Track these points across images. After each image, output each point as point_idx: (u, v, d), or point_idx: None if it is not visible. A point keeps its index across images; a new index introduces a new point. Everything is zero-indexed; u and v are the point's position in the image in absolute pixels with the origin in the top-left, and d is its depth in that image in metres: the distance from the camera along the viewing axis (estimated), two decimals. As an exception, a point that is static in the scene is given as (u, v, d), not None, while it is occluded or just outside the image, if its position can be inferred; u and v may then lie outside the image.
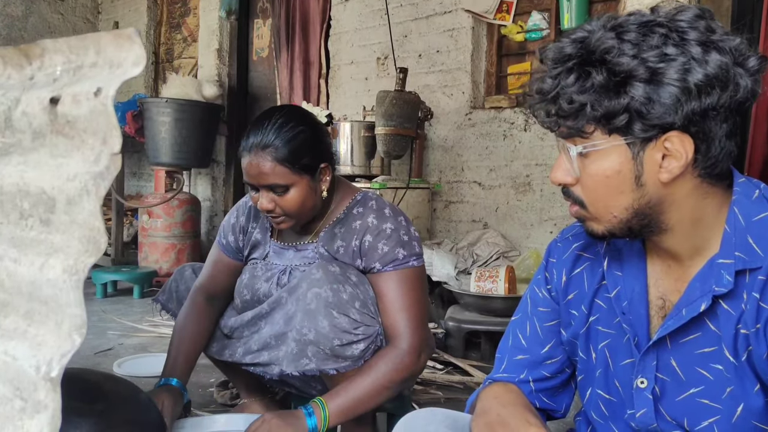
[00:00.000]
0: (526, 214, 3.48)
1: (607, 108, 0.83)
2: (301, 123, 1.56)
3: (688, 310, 0.90)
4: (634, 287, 0.98)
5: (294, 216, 1.58)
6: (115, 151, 0.58)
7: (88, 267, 0.60)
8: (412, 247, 1.59)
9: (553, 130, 0.91)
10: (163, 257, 4.38)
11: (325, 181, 1.60)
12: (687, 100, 0.81)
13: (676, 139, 0.84)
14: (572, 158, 0.90)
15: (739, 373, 0.89)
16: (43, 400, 0.60)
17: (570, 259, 1.09)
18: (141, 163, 6.01)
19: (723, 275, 0.87)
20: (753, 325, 0.87)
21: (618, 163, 0.87)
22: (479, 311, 2.90)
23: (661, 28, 0.83)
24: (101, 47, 0.56)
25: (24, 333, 0.61)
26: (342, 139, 3.55)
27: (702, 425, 0.92)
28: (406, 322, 1.54)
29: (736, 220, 0.89)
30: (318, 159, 1.57)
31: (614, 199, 0.89)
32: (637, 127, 0.84)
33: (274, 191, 1.55)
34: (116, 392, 1.26)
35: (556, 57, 0.88)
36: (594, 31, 0.86)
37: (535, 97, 0.90)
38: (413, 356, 1.52)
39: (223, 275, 1.80)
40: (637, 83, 0.82)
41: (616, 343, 1.01)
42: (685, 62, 0.81)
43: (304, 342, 1.48)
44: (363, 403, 1.48)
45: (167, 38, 6.14)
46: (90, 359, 2.67)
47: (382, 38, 4.04)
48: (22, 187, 0.59)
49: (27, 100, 0.56)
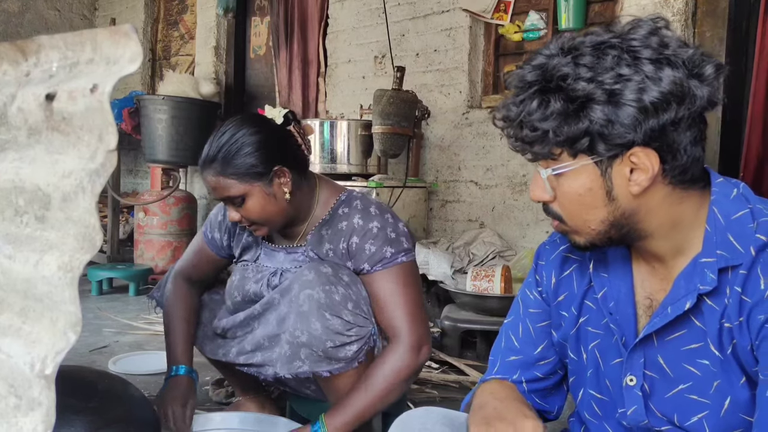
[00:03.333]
0: (523, 213, 3.49)
1: (567, 133, 0.86)
2: (245, 131, 1.53)
3: (673, 308, 0.92)
4: (620, 288, 1.01)
5: (262, 223, 1.58)
6: (111, 148, 0.57)
7: (83, 264, 0.60)
8: (399, 243, 1.58)
9: (523, 154, 0.95)
10: (159, 255, 4.37)
11: (284, 184, 1.56)
12: (645, 118, 0.84)
13: (641, 154, 0.86)
14: (544, 180, 0.94)
15: (725, 366, 0.90)
16: (37, 397, 0.60)
17: (558, 261, 1.12)
18: (137, 161, 6.00)
19: (707, 273, 0.90)
20: (736, 318, 0.88)
21: (589, 181, 0.90)
22: (475, 310, 2.90)
23: (613, 49, 0.85)
24: (98, 43, 0.55)
25: (18, 330, 0.61)
26: (339, 137, 3.55)
27: (692, 420, 0.93)
28: (402, 319, 1.54)
29: (716, 220, 0.91)
30: (267, 164, 1.53)
31: (589, 213, 0.92)
32: (601, 147, 0.87)
33: (233, 203, 1.55)
34: (111, 390, 1.26)
35: (518, 84, 0.91)
36: (552, 56, 0.89)
37: (503, 123, 0.94)
38: (413, 354, 1.52)
39: (204, 265, 1.83)
40: (596, 105, 0.84)
41: (606, 344, 1.03)
42: (640, 81, 0.83)
43: (297, 344, 1.48)
44: (366, 414, 1.50)
45: (164, 35, 6.13)
46: (85, 357, 2.66)
47: (380, 37, 4.03)
48: (18, 183, 0.59)
49: (23, 96, 0.55)
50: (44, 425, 0.60)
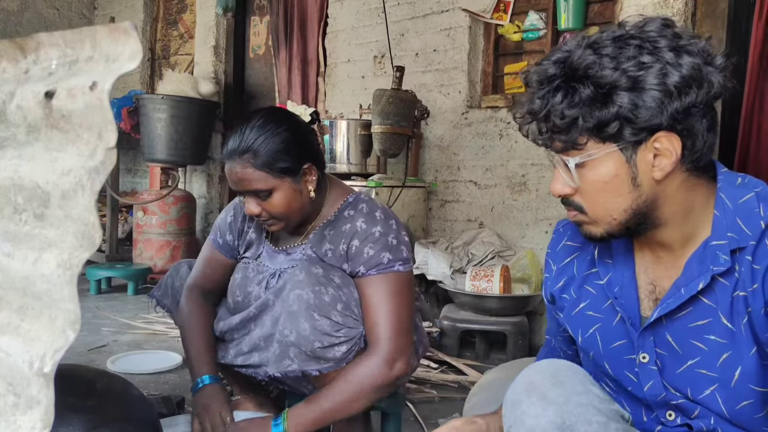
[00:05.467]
0: (522, 213, 3.49)
1: (598, 118, 0.90)
2: (280, 125, 1.54)
3: (686, 289, 0.96)
4: (623, 273, 1.06)
5: (282, 218, 1.58)
6: (111, 146, 0.57)
7: (82, 262, 0.60)
8: (399, 251, 1.57)
9: (548, 147, 0.98)
10: (158, 254, 4.36)
11: (310, 182, 1.58)
12: (669, 101, 0.89)
13: (665, 139, 0.91)
14: (571, 170, 0.96)
15: (736, 338, 0.94)
16: (36, 395, 0.60)
17: (562, 250, 1.18)
18: (136, 160, 5.99)
19: (719, 255, 0.94)
20: (750, 285, 0.93)
21: (614, 168, 0.94)
22: (474, 310, 2.90)
23: (633, 39, 0.91)
24: (97, 41, 0.55)
25: (17, 328, 0.60)
26: (338, 137, 3.54)
27: (704, 393, 0.97)
28: (386, 329, 1.51)
29: (724, 205, 0.96)
30: (299, 160, 1.55)
31: (614, 202, 0.96)
32: (628, 132, 0.91)
33: (258, 196, 1.54)
34: (110, 388, 1.26)
35: (541, 78, 0.95)
36: (572, 50, 0.93)
37: (527, 117, 0.97)
38: (386, 367, 1.50)
39: (217, 273, 1.80)
40: (622, 92, 0.89)
41: (607, 326, 1.07)
42: (662, 67, 0.89)
43: (286, 343, 1.47)
44: (328, 417, 1.50)
45: (163, 34, 6.12)
46: (84, 356, 2.66)
47: (379, 36, 4.03)
48: (17, 181, 0.59)
49: (22, 93, 0.55)
50: (43, 423, 0.60)
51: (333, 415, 1.50)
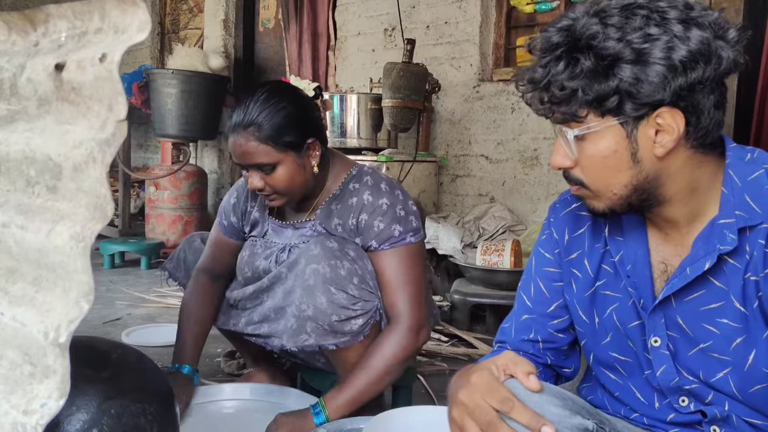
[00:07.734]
0: (533, 188, 3.47)
1: (597, 91, 0.87)
2: (284, 99, 1.54)
3: (692, 269, 0.94)
4: (636, 251, 1.02)
5: (285, 193, 1.58)
6: (121, 118, 0.57)
7: (95, 234, 0.60)
8: (408, 222, 1.58)
9: (548, 117, 0.95)
10: (170, 229, 4.39)
11: (314, 156, 1.58)
12: (674, 77, 0.85)
13: (667, 115, 0.87)
14: (569, 142, 0.93)
15: (749, 322, 0.92)
16: (51, 365, 0.61)
17: (570, 218, 1.12)
18: (147, 135, 6.01)
19: (726, 234, 0.91)
20: (762, 270, 0.90)
21: (614, 143, 0.91)
22: (485, 284, 2.91)
23: (641, 9, 0.87)
24: (106, 12, 0.55)
25: (32, 299, 0.61)
26: (348, 111, 3.53)
27: (717, 377, 0.96)
28: (405, 301, 1.54)
29: (733, 182, 0.93)
30: (303, 135, 1.55)
31: (613, 177, 0.93)
32: (628, 106, 0.87)
33: (261, 170, 1.55)
34: (124, 359, 1.28)
35: (544, 47, 0.91)
36: (578, 18, 0.89)
37: (528, 86, 0.94)
38: (413, 336, 1.53)
39: (225, 255, 1.81)
40: (625, 65, 0.85)
41: (623, 306, 1.04)
42: (668, 41, 0.84)
43: (303, 318, 1.49)
44: (364, 395, 1.50)
45: (173, 9, 6.09)
46: (99, 329, 2.69)
47: (390, 9, 3.99)
48: (29, 154, 0.59)
49: (32, 66, 0.55)
50: (59, 392, 0.61)
51: (369, 393, 1.51)
